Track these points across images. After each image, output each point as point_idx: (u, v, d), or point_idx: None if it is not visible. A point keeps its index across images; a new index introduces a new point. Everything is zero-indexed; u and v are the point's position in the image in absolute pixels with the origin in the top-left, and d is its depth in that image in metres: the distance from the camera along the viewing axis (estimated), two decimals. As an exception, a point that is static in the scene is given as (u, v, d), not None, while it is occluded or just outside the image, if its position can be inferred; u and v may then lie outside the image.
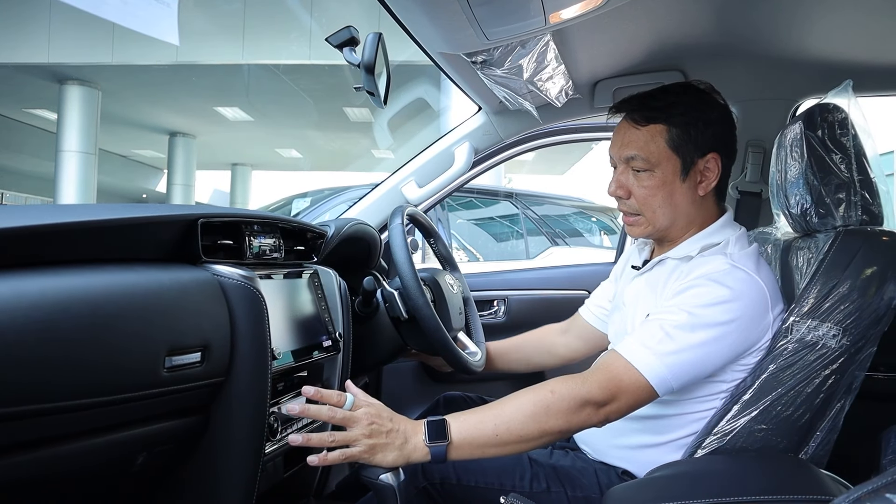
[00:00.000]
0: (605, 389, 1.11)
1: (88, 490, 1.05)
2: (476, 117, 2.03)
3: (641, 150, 1.28)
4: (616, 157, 1.33)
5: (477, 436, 1.09)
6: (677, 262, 1.30)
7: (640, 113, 1.29)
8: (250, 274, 1.15)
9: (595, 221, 6.69)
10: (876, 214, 1.24)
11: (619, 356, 1.15)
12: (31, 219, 0.88)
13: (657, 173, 1.28)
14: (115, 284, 0.93)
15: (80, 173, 12.16)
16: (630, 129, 1.30)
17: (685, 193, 1.29)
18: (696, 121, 1.27)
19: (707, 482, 1.09)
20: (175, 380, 0.97)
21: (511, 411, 1.10)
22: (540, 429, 1.09)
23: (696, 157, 1.28)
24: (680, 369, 1.13)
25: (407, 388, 2.21)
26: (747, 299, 1.17)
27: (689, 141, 1.27)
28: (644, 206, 1.30)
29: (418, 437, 1.08)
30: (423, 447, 1.07)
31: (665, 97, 1.30)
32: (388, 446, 1.06)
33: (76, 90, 12.09)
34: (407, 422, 1.10)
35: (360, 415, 1.07)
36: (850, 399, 1.20)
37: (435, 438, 1.07)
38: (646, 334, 1.16)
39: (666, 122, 1.27)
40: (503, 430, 1.09)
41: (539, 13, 1.18)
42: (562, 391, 1.10)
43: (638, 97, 1.32)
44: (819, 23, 1.52)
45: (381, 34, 1.27)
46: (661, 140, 1.27)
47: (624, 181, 1.31)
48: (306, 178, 19.53)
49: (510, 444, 1.10)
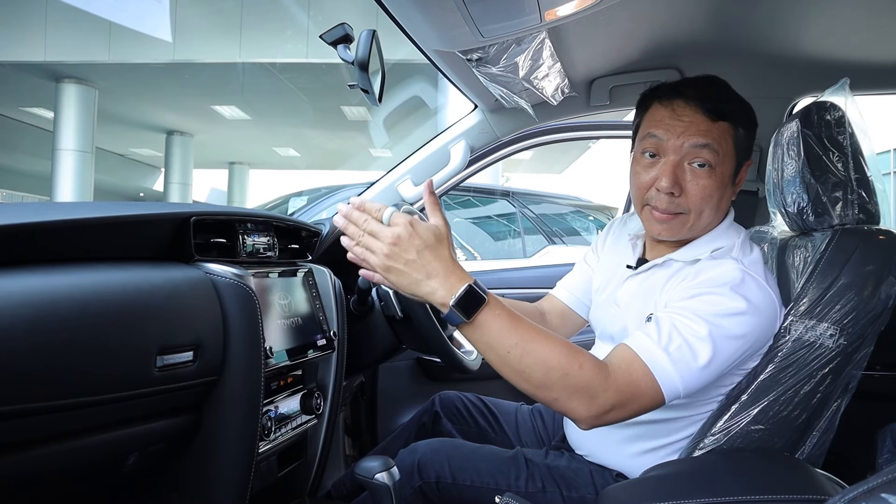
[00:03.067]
0: (620, 394, 1.04)
1: (80, 490, 1.04)
2: (472, 115, 2.03)
3: (715, 140, 1.18)
4: (673, 143, 1.19)
5: (494, 337, 1.02)
6: (683, 264, 1.24)
7: (712, 103, 1.19)
8: (243, 272, 1.14)
9: (592, 220, 6.68)
10: (873, 213, 1.24)
11: (638, 359, 1.06)
12: (21, 217, 0.87)
13: (717, 172, 1.19)
14: (104, 283, 0.92)
15: (76, 172, 12.15)
16: (700, 117, 1.18)
17: (728, 198, 1.24)
18: (751, 125, 1.23)
19: (702, 482, 1.08)
20: (167, 379, 0.97)
21: (537, 349, 1.01)
22: (542, 384, 1.01)
23: (743, 161, 1.24)
24: (692, 382, 1.08)
25: (403, 386, 2.21)
26: (762, 314, 1.13)
27: (746, 144, 1.22)
28: (696, 206, 1.20)
29: (447, 290, 0.99)
30: (445, 303, 0.99)
31: (727, 92, 1.23)
32: (403, 273, 1.00)
33: (73, 89, 12.07)
34: (439, 264, 1.00)
35: (387, 232, 0.99)
36: (847, 399, 1.20)
37: (461, 307, 0.99)
38: (664, 337, 1.08)
39: (733, 122, 1.20)
40: (516, 355, 1.01)
41: (534, 10, 1.17)
42: (587, 374, 1.01)
43: (700, 85, 1.22)
44: (816, 21, 1.52)
45: (374, 31, 1.27)
46: (729, 138, 1.20)
47: (681, 175, 1.19)
48: (304, 176, 19.52)
49: (509, 368, 1.02)
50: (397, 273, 1.00)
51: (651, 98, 1.27)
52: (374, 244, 1.00)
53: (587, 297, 1.54)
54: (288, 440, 1.30)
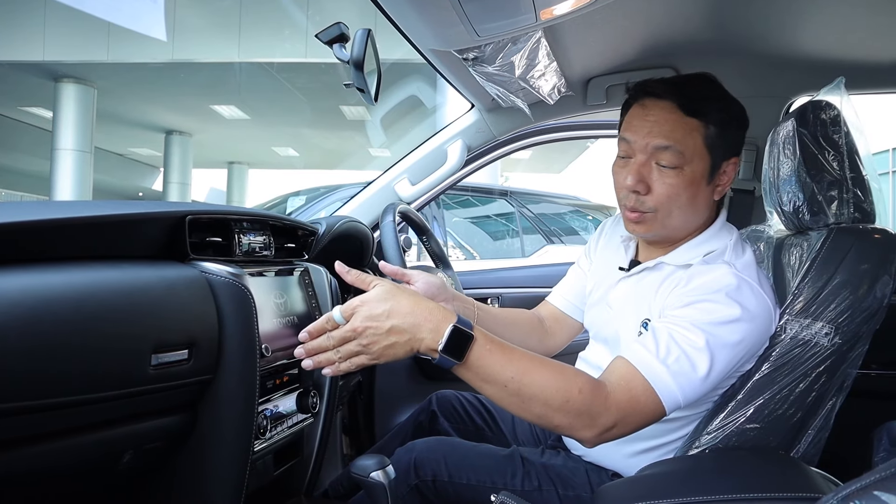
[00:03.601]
0: (622, 412, 1.03)
1: (75, 488, 1.04)
2: (469, 115, 2.03)
3: (679, 142, 1.16)
4: (639, 144, 1.19)
5: (490, 374, 0.99)
6: (675, 268, 1.24)
7: (681, 100, 1.17)
8: (239, 271, 1.14)
9: (591, 220, 6.69)
10: (868, 212, 1.24)
11: (637, 374, 1.06)
12: (16, 215, 0.87)
13: (686, 171, 1.17)
14: (99, 281, 0.92)
15: (75, 171, 12.14)
16: (666, 115, 1.17)
17: (705, 197, 1.22)
18: (731, 121, 1.20)
19: (697, 480, 1.08)
20: (162, 377, 0.97)
21: (534, 380, 0.99)
22: (543, 413, 1.01)
23: (723, 159, 1.21)
24: (692, 393, 1.08)
25: (400, 385, 2.21)
26: (758, 320, 1.13)
27: (722, 142, 1.19)
28: (663, 205, 1.19)
29: (433, 336, 0.96)
30: (434, 349, 0.97)
31: (704, 89, 1.21)
32: (394, 345, 0.97)
33: (72, 88, 12.07)
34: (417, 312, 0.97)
35: (355, 325, 0.97)
36: (842, 397, 1.20)
37: (451, 352, 0.96)
38: (662, 349, 1.07)
39: (705, 118, 1.17)
40: (514, 388, 0.99)
41: (529, 9, 1.17)
42: (586, 397, 1.01)
43: (674, 82, 1.21)
44: (811, 20, 1.52)
45: (369, 30, 1.27)
46: (698, 136, 1.17)
47: (646, 174, 1.19)
48: (303, 176, 19.52)
49: (508, 401, 1.01)
50: (389, 347, 0.98)
51: (630, 100, 1.26)
52: (351, 347, 0.99)
53: (582, 301, 1.54)
54: (284, 439, 1.30)
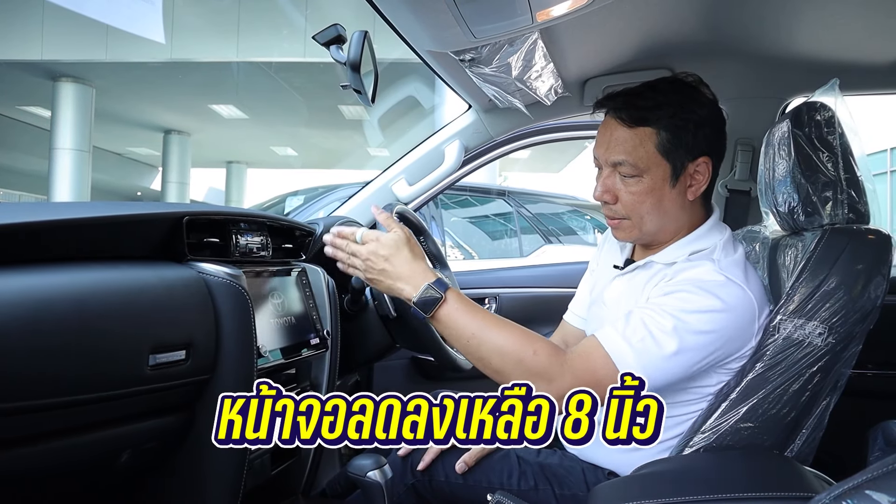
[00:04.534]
0: (577, 378, 1.10)
1: (72, 487, 1.05)
2: (466, 115, 2.03)
3: (630, 154, 1.21)
4: (602, 159, 1.26)
5: (454, 329, 1.16)
6: (662, 266, 1.26)
7: (628, 112, 1.22)
8: (236, 272, 1.15)
9: (589, 219, 6.70)
10: (862, 213, 1.24)
11: (599, 347, 1.13)
12: (15, 216, 0.88)
13: (646, 179, 1.22)
14: (99, 282, 0.93)
15: (74, 171, 12.12)
16: (617, 129, 1.23)
17: (674, 199, 1.24)
18: (687, 123, 1.21)
19: (692, 480, 1.09)
20: (159, 377, 0.97)
21: (493, 337, 1.14)
22: (500, 369, 1.14)
23: (687, 161, 1.22)
24: (654, 371, 1.10)
25: (397, 385, 2.21)
26: (735, 313, 1.14)
27: (679, 146, 1.21)
28: (631, 211, 1.25)
29: (410, 289, 1.16)
30: (410, 298, 1.16)
31: (654, 97, 1.22)
32: (378, 282, 1.20)
33: (70, 87, 12.04)
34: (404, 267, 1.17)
35: (362, 250, 1.19)
36: (836, 397, 1.20)
37: (425, 305, 1.15)
38: (629, 329, 1.13)
39: (655, 125, 1.20)
40: (474, 343, 1.15)
41: (526, 11, 1.18)
42: (541, 360, 1.12)
43: (624, 95, 1.25)
44: (806, 21, 1.53)
45: (366, 32, 1.27)
46: (650, 144, 1.21)
47: (611, 185, 1.25)
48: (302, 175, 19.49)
49: (471, 356, 1.17)
50: (376, 281, 1.20)
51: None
52: (355, 262, 1.21)
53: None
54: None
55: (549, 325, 2.39)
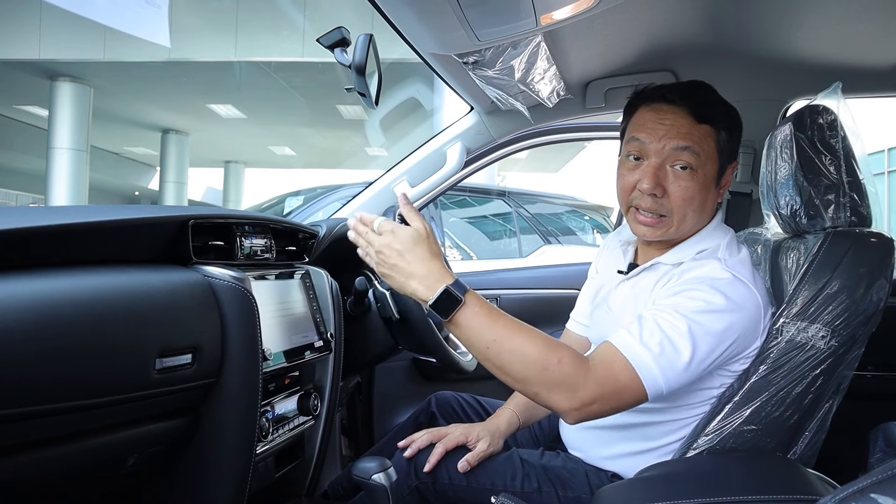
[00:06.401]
0: (601, 387, 1.07)
1: (79, 491, 1.05)
2: (468, 117, 2.04)
3: (696, 143, 1.20)
4: (655, 146, 1.22)
5: (472, 335, 1.09)
6: (669, 266, 1.26)
7: (690, 107, 1.21)
8: (241, 275, 1.15)
9: (588, 220, 6.70)
10: (864, 216, 1.25)
11: (619, 354, 1.09)
12: (23, 221, 0.88)
13: (700, 174, 1.21)
14: (106, 286, 0.93)
15: (71, 170, 12.09)
16: (680, 118, 1.21)
17: (713, 200, 1.26)
18: (735, 126, 1.25)
19: (695, 482, 1.09)
20: (166, 381, 0.98)
21: (515, 345, 1.07)
22: (522, 378, 1.07)
23: (728, 163, 1.26)
24: (674, 378, 1.10)
25: (399, 387, 2.22)
26: (744, 312, 1.15)
27: (729, 147, 1.24)
28: (678, 207, 1.22)
29: (426, 292, 1.08)
30: (424, 299, 1.09)
31: (710, 96, 1.25)
32: (390, 276, 1.12)
33: (68, 87, 12.01)
34: (420, 265, 1.09)
35: (377, 242, 1.12)
36: (839, 399, 1.21)
37: (438, 308, 1.07)
38: (646, 333, 1.10)
39: (716, 125, 1.22)
40: (495, 350, 1.07)
41: (530, 14, 1.18)
42: (566, 368, 1.05)
43: (681, 88, 1.25)
44: (808, 25, 1.53)
45: (371, 35, 1.27)
46: (711, 141, 1.21)
47: (661, 177, 1.22)
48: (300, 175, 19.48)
49: (490, 363, 1.09)
50: (387, 276, 1.13)
51: (637, 102, 1.29)
52: (371, 252, 1.14)
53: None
54: (285, 441, 1.31)
55: (549, 327, 2.39)
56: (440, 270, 1.10)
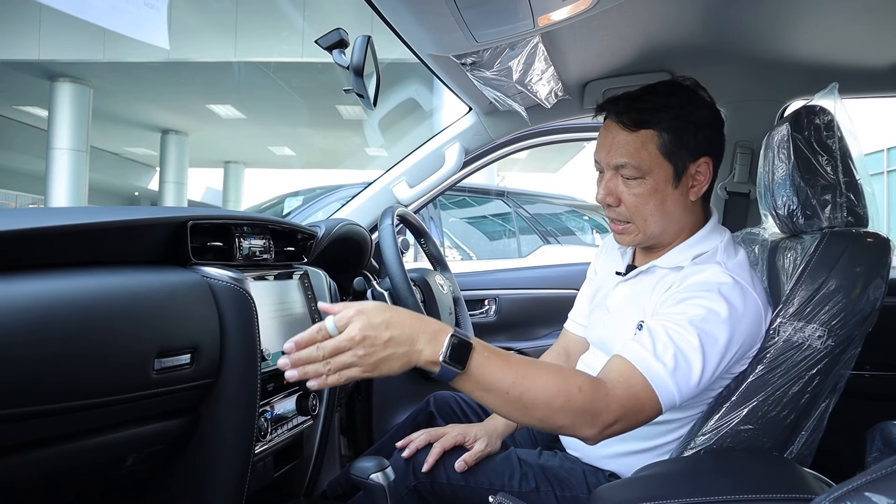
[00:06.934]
0: (623, 408, 1.05)
1: (78, 491, 1.05)
2: (466, 118, 2.04)
3: (632, 157, 1.22)
4: (603, 162, 1.27)
5: (491, 381, 0.98)
6: (667, 271, 1.27)
7: (629, 116, 1.23)
8: (240, 275, 1.16)
9: (587, 220, 6.70)
10: (861, 216, 1.25)
11: (636, 371, 1.07)
12: (22, 222, 0.88)
13: (648, 181, 1.23)
14: (105, 287, 0.93)
15: (71, 171, 12.09)
16: (619, 133, 1.24)
17: (677, 200, 1.25)
18: (688, 124, 1.23)
19: (692, 481, 1.09)
20: (165, 381, 0.98)
21: (535, 383, 0.99)
22: (547, 416, 1.01)
23: (689, 162, 1.24)
24: (688, 391, 1.10)
25: (397, 387, 2.22)
26: (748, 318, 1.15)
27: (681, 146, 1.22)
28: (635, 214, 1.25)
29: (433, 348, 0.95)
30: (435, 360, 0.95)
31: (654, 99, 1.24)
32: (391, 357, 0.94)
33: (67, 87, 12.01)
34: (415, 323, 0.96)
35: (352, 334, 0.93)
36: (835, 399, 1.21)
37: (452, 360, 0.95)
38: (659, 347, 1.09)
39: (657, 127, 1.21)
40: (516, 393, 0.98)
41: (527, 16, 1.19)
42: (587, 395, 1.01)
43: (625, 98, 1.26)
44: (805, 26, 1.53)
45: (369, 37, 1.28)
46: (652, 146, 1.22)
47: (613, 188, 1.26)
48: (299, 175, 19.48)
49: (511, 407, 1.00)
50: (385, 360, 0.95)
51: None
52: (344, 359, 0.94)
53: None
54: (284, 441, 1.31)
55: (547, 327, 2.41)
56: (433, 320, 0.99)
